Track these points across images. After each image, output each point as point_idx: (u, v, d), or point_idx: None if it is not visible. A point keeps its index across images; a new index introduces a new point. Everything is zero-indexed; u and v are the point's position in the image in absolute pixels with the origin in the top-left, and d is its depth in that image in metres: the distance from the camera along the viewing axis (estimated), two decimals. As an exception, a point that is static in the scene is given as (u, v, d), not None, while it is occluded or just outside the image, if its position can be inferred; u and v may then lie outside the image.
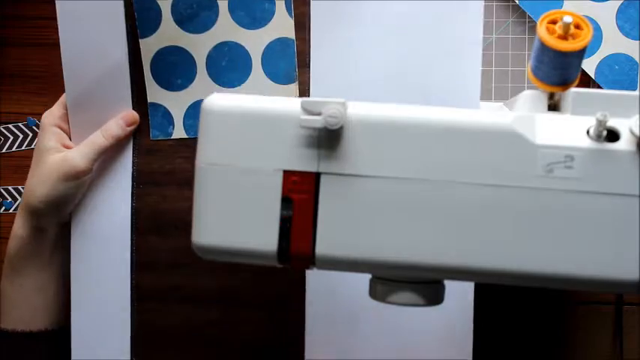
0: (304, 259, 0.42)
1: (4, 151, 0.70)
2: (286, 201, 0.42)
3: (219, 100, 0.43)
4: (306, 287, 0.58)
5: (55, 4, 0.61)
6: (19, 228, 0.60)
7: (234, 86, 0.59)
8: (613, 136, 0.41)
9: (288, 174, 0.42)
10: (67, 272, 0.61)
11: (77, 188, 0.58)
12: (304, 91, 0.58)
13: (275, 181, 0.42)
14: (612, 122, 0.41)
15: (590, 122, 0.41)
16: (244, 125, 0.42)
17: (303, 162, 0.42)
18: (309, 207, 0.42)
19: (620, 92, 0.44)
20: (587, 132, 0.41)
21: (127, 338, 0.60)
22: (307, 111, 0.41)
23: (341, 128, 0.41)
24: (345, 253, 0.42)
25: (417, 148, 0.41)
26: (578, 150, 0.41)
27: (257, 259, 0.43)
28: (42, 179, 0.57)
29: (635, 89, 0.62)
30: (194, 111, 0.59)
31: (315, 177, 0.42)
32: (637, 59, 0.62)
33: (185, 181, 0.60)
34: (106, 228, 0.60)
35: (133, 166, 0.60)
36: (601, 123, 0.40)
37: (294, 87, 0.58)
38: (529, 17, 0.63)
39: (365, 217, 0.42)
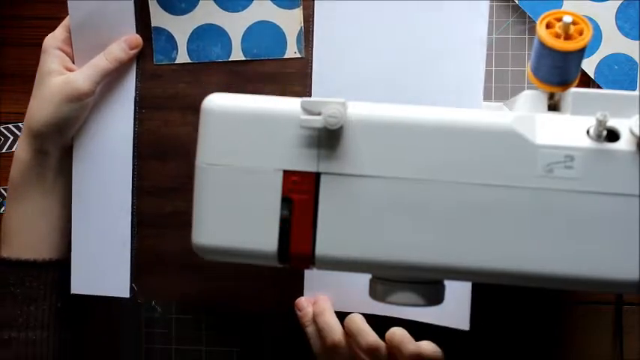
0: (304, 259, 0.42)
1: (4, 151, 0.70)
2: (286, 201, 0.42)
3: (219, 100, 0.43)
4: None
5: (54, 4, 0.61)
6: (21, 152, 0.59)
7: (237, 10, 0.59)
8: (613, 136, 0.41)
9: (288, 174, 0.42)
10: (71, 199, 0.60)
11: (80, 111, 0.58)
12: (308, 17, 0.58)
13: (275, 181, 0.42)
14: (612, 122, 0.41)
15: (590, 122, 0.41)
16: (244, 125, 0.42)
17: (303, 162, 0.42)
18: (309, 207, 0.42)
19: (620, 92, 0.44)
20: (587, 132, 0.41)
21: (126, 264, 0.60)
22: (307, 111, 0.41)
23: (341, 128, 0.41)
24: (345, 253, 0.42)
25: (417, 148, 0.41)
26: (578, 150, 0.41)
27: (257, 259, 0.43)
28: (44, 102, 0.57)
29: (634, 89, 0.62)
30: (198, 36, 0.59)
31: (315, 177, 0.42)
32: (636, 59, 0.62)
33: (188, 105, 0.59)
34: (108, 152, 0.60)
35: (136, 90, 0.60)
36: (601, 123, 0.40)
37: (297, 12, 0.58)
38: (529, 17, 0.63)
39: (365, 217, 0.42)
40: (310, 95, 0.58)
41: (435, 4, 0.56)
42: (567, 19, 0.43)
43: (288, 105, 0.42)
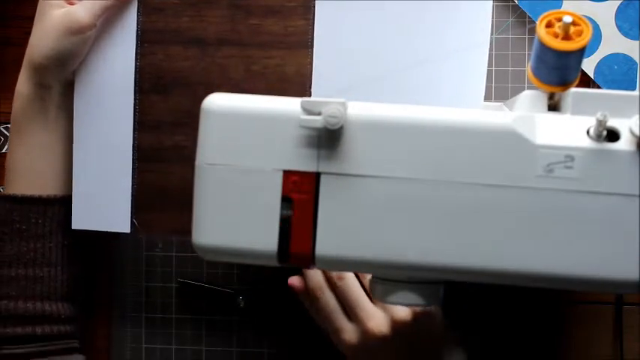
0: (304, 259, 0.42)
1: (4, 151, 0.70)
2: (286, 201, 0.42)
3: (219, 100, 0.43)
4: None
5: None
6: (22, 86, 0.59)
7: None
8: (613, 136, 0.41)
9: (288, 174, 0.42)
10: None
11: (81, 44, 0.58)
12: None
13: (275, 181, 0.42)
14: (612, 122, 0.41)
15: (590, 122, 0.41)
16: (244, 125, 0.42)
17: (303, 162, 0.42)
18: (309, 207, 0.42)
19: (620, 92, 0.44)
20: (587, 132, 0.41)
21: (127, 199, 0.60)
22: (307, 111, 0.41)
23: (341, 128, 0.41)
24: (345, 253, 0.42)
25: (417, 148, 0.41)
26: (578, 150, 0.41)
27: (257, 259, 0.43)
28: (45, 34, 0.57)
29: (634, 89, 0.62)
30: (201, -31, 0.59)
31: (315, 177, 0.42)
32: (636, 59, 0.62)
33: (190, 40, 0.59)
34: (109, 87, 0.60)
35: (138, 24, 0.60)
36: (601, 123, 0.40)
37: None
38: (529, 17, 0.63)
39: (365, 217, 0.42)
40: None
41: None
42: (567, 19, 0.43)
43: (288, 105, 0.42)
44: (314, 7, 0.58)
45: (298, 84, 0.58)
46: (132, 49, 0.60)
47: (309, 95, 0.58)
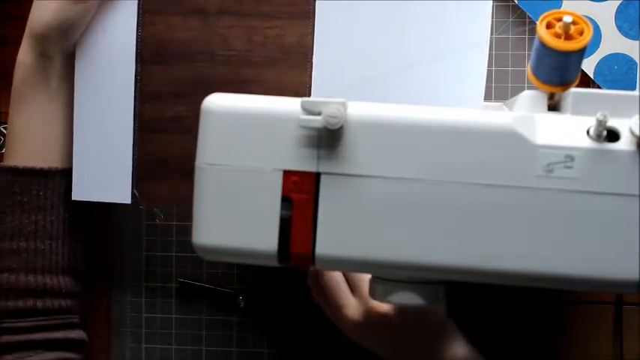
0: (304, 259, 0.42)
1: (4, 151, 0.70)
2: (286, 201, 0.42)
3: (219, 100, 0.43)
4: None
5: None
6: (24, 55, 0.59)
7: None
8: (613, 136, 0.41)
9: (288, 174, 0.42)
10: None
11: (84, 13, 0.57)
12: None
13: (275, 181, 0.42)
14: (612, 122, 0.41)
15: (590, 122, 0.41)
16: (244, 125, 0.42)
17: (303, 162, 0.42)
18: (309, 207, 0.42)
19: (620, 92, 0.44)
20: (587, 132, 0.41)
21: (128, 170, 0.60)
22: (307, 111, 0.41)
23: (341, 128, 0.41)
24: (345, 253, 0.42)
25: (417, 148, 0.41)
26: (578, 150, 0.41)
27: (257, 259, 0.43)
28: (47, 3, 0.56)
29: (634, 89, 0.62)
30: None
31: (315, 177, 0.42)
32: (636, 59, 0.62)
33: (191, 10, 0.59)
34: (110, 57, 0.59)
35: None
36: (601, 123, 0.40)
37: None
38: (529, 17, 0.63)
39: (365, 217, 0.42)
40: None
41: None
42: (567, 19, 0.43)
43: (288, 105, 0.42)
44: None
45: (300, 54, 0.58)
46: (133, 20, 0.59)
47: (312, 65, 0.58)
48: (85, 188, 0.60)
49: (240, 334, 0.67)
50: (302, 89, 0.58)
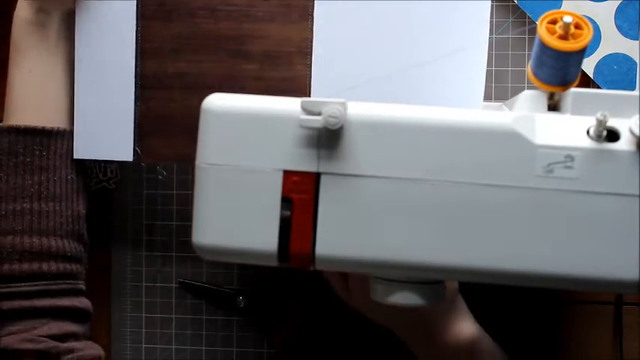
0: (304, 259, 0.42)
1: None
2: (286, 201, 0.42)
3: (219, 101, 0.43)
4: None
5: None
6: (22, 11, 0.58)
7: None
8: (613, 136, 0.41)
9: (288, 174, 0.42)
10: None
11: None
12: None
13: (275, 181, 0.42)
14: (612, 122, 0.41)
15: (590, 122, 0.41)
16: (244, 125, 0.42)
17: (303, 162, 0.42)
18: (309, 207, 0.42)
19: (620, 92, 0.44)
20: (587, 132, 0.41)
21: (130, 127, 0.60)
22: (307, 111, 0.41)
23: (341, 128, 0.41)
24: (345, 253, 0.42)
25: (417, 148, 0.41)
26: (578, 150, 0.41)
27: (257, 259, 0.43)
28: None
29: (633, 89, 0.62)
30: None
31: (315, 177, 0.42)
32: (636, 59, 0.62)
33: None
34: (111, 14, 0.59)
35: None
36: (601, 123, 0.40)
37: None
38: (529, 17, 0.63)
39: (365, 217, 0.42)
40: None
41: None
42: (568, 19, 0.43)
43: (288, 105, 0.42)
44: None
45: (301, 8, 0.58)
46: None
47: (312, 20, 0.58)
48: (86, 146, 0.59)
49: (240, 334, 0.67)
50: (304, 44, 0.58)
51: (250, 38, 0.58)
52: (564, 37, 0.43)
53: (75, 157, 0.59)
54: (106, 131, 0.60)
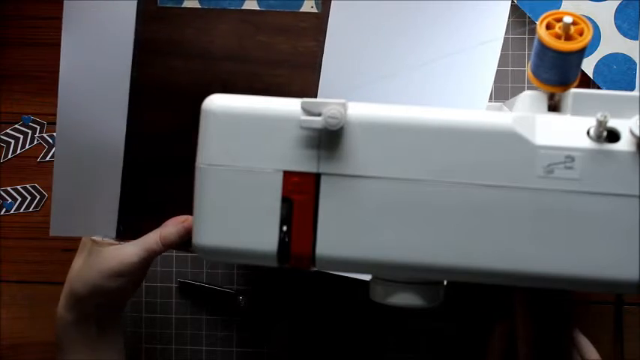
0: (304, 260, 0.42)
1: (1, 160, 0.70)
2: (286, 201, 0.42)
3: (220, 101, 0.43)
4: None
5: (56, 3, 0.61)
6: (64, 311, 0.57)
7: None
8: (613, 136, 0.41)
9: (288, 174, 0.42)
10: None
11: (120, 290, 0.56)
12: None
13: (275, 181, 0.42)
14: (612, 123, 0.41)
15: (590, 123, 0.42)
16: (244, 126, 0.42)
17: (304, 163, 0.42)
18: (309, 207, 0.42)
19: (620, 93, 0.44)
20: (588, 132, 0.41)
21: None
22: (307, 111, 0.41)
23: (341, 129, 0.41)
24: (345, 253, 0.42)
25: (417, 148, 0.41)
26: (579, 150, 0.41)
27: (257, 259, 0.43)
28: (89, 271, 0.55)
29: (633, 89, 0.62)
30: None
31: (316, 178, 0.42)
32: (635, 59, 0.62)
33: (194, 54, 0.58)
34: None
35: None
36: (601, 123, 0.40)
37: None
38: (529, 17, 0.63)
39: (365, 218, 0.42)
40: (323, 53, 0.57)
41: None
42: (567, 19, 0.43)
43: (289, 106, 0.42)
44: (325, 30, 0.57)
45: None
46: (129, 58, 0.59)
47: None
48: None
49: (240, 334, 0.67)
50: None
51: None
52: (564, 37, 0.43)
53: (51, 234, 0.58)
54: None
